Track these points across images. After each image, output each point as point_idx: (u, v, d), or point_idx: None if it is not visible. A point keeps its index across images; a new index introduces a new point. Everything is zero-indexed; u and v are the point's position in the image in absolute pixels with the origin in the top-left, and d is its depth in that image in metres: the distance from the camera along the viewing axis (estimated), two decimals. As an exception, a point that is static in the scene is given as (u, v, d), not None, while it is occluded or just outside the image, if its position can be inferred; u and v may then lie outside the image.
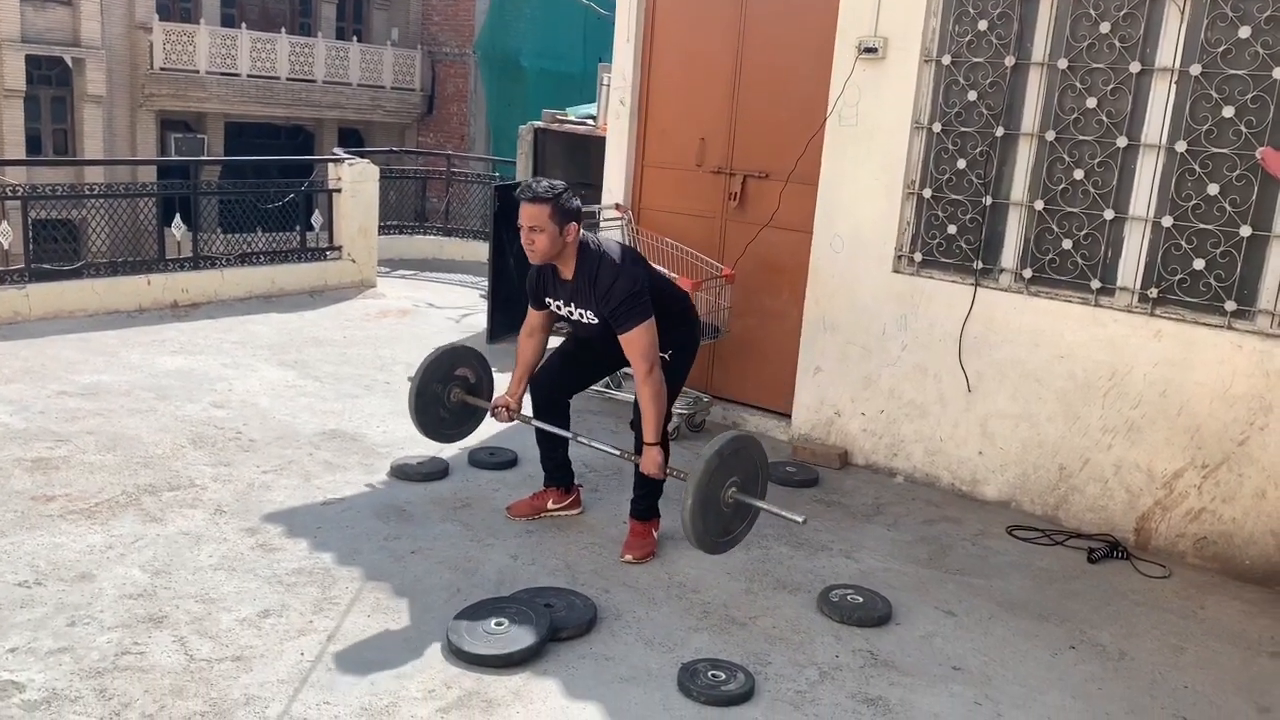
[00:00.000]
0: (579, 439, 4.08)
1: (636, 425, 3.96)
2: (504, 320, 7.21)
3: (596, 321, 3.88)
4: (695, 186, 5.95)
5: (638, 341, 3.75)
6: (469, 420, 4.44)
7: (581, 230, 3.83)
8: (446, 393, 4.29)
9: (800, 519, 3.49)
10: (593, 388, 5.43)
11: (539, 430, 4.25)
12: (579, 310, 3.91)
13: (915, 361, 5.09)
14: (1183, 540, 4.45)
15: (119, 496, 4.23)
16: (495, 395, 4.32)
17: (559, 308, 3.99)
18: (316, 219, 8.96)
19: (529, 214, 3.72)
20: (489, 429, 5.44)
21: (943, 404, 5.04)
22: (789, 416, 5.62)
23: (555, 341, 4.37)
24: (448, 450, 5.03)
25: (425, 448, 5.03)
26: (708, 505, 3.48)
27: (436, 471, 4.73)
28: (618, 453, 4.00)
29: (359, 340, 7.20)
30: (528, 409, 4.24)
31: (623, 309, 3.74)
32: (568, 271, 3.86)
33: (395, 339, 7.30)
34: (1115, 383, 4.55)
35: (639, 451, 3.91)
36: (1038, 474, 4.79)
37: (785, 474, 5.06)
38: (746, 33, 5.65)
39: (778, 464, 5.20)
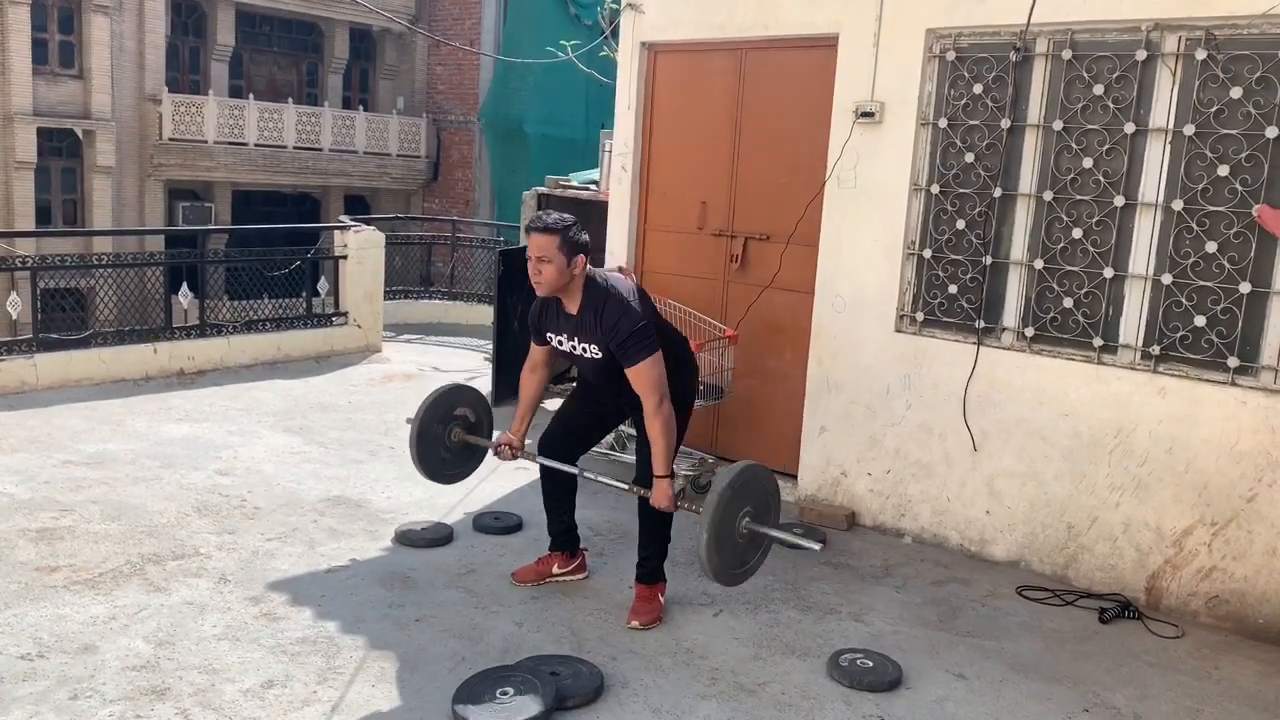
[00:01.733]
0: (585, 474, 4.04)
1: (643, 458, 3.94)
2: (509, 383, 7.18)
3: (600, 356, 3.86)
4: (697, 249, 6.00)
5: (646, 374, 3.73)
6: (470, 460, 4.42)
7: (588, 266, 3.86)
8: (447, 433, 4.29)
9: (817, 546, 3.53)
10: (596, 449, 5.42)
11: (546, 490, 4.23)
12: (582, 345, 3.90)
13: (920, 421, 5.09)
14: (1194, 599, 4.41)
15: (123, 566, 4.22)
16: (496, 434, 4.29)
17: (560, 343, 3.97)
18: (322, 285, 9.02)
19: (538, 244, 3.74)
20: (492, 492, 5.43)
21: (949, 463, 5.02)
22: (795, 477, 5.60)
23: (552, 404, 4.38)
24: (452, 515, 5.03)
25: (429, 513, 5.03)
26: (723, 538, 3.48)
27: (441, 537, 4.71)
28: (626, 487, 3.95)
29: (364, 405, 7.22)
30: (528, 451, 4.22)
31: (630, 343, 3.72)
32: (572, 305, 3.86)
33: (400, 403, 7.31)
34: (1121, 440, 4.54)
35: (647, 486, 3.88)
36: (1046, 533, 4.76)
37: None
38: (745, 98, 5.73)
39: (784, 525, 5.12)
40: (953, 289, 4.99)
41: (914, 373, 5.08)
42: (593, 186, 8.58)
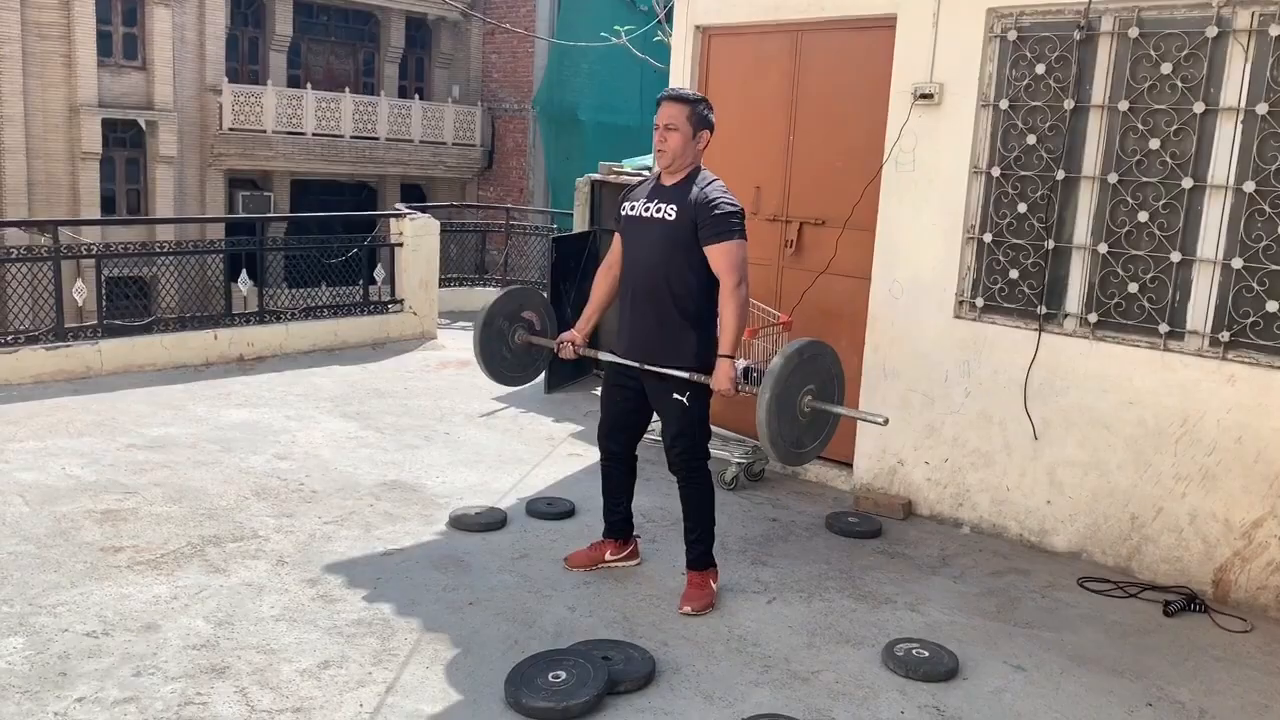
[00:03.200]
0: (646, 367, 3.86)
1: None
2: (562, 369, 7.25)
3: (671, 219, 3.78)
4: (751, 234, 5.87)
5: (732, 254, 3.73)
6: (531, 365, 4.46)
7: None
8: (512, 333, 4.33)
9: (882, 419, 3.46)
10: (651, 438, 5.43)
11: (608, 477, 4.20)
12: (659, 205, 3.84)
13: (979, 409, 5.03)
14: (1264, 593, 4.30)
15: (184, 548, 4.31)
16: (562, 333, 4.26)
17: (633, 208, 3.92)
18: (379, 273, 9.12)
19: (667, 111, 3.79)
20: (546, 477, 5.47)
21: (1009, 452, 4.96)
22: (850, 466, 5.57)
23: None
24: (505, 500, 5.07)
25: (483, 498, 5.07)
26: (783, 406, 3.43)
27: (495, 522, 4.75)
28: (687, 375, 3.83)
29: (419, 391, 7.29)
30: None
31: (723, 219, 3.73)
32: (676, 178, 3.86)
33: (455, 390, 7.38)
34: (1187, 429, 4.44)
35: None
36: (1109, 524, 4.68)
37: (847, 525, 5.01)
38: (801, 81, 5.69)
39: (840, 514, 5.17)
40: (1014, 274, 4.92)
41: (973, 359, 5.02)
42: (646, 172, 8.56)
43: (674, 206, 3.82)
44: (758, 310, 5.57)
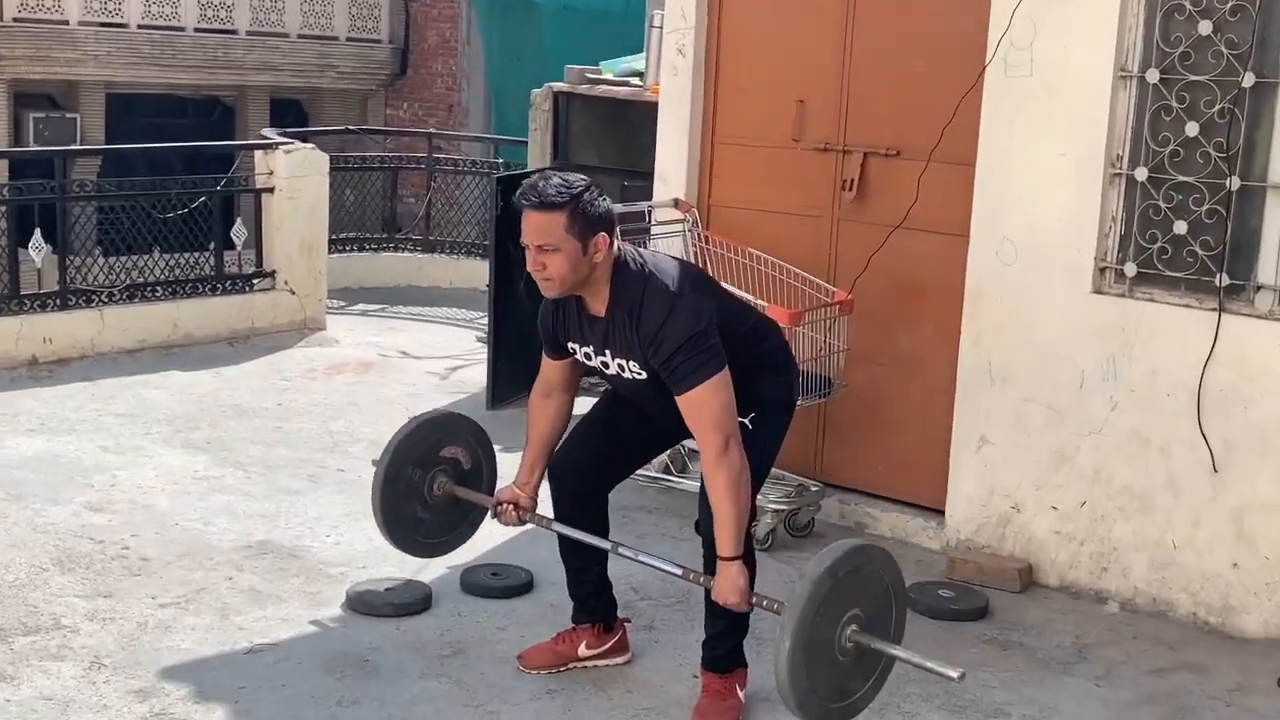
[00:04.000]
0: (621, 551, 4.05)
1: (706, 530, 3.94)
2: (512, 374, 7.22)
3: (644, 376, 3.88)
4: (791, 171, 5.96)
5: (705, 406, 3.74)
6: (460, 524, 4.47)
7: (618, 243, 3.85)
8: (428, 483, 4.31)
9: (956, 674, 3.45)
10: (642, 472, 5.41)
11: (563, 540, 4.24)
12: (617, 360, 3.92)
13: (1130, 427, 5.03)
14: None
15: (-49, 645, 4.27)
16: (500, 488, 4.31)
17: (588, 357, 4.00)
18: (239, 232, 9.03)
19: (536, 226, 3.75)
20: (490, 536, 5.43)
21: (1175, 491, 4.96)
22: (941, 514, 5.57)
23: (583, 404, 4.37)
24: (430, 568, 5.02)
25: (397, 566, 5.03)
26: (815, 652, 3.44)
27: (414, 601, 4.73)
28: (679, 572, 3.97)
29: (300, 409, 7.24)
30: (546, 506, 4.23)
31: (680, 358, 3.73)
32: (599, 304, 3.87)
33: (353, 405, 7.34)
34: None
35: (711, 571, 3.87)
36: (1325, 596, 4.69)
37: (939, 600, 5.01)
38: (864, -56, 5.71)
39: (927, 585, 5.15)
40: (1180, 227, 4.92)
41: (1121, 354, 5.03)
42: (635, 80, 8.55)
43: (634, 362, 3.88)
44: (802, 285, 5.57)
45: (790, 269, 5.64)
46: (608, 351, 3.92)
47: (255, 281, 8.93)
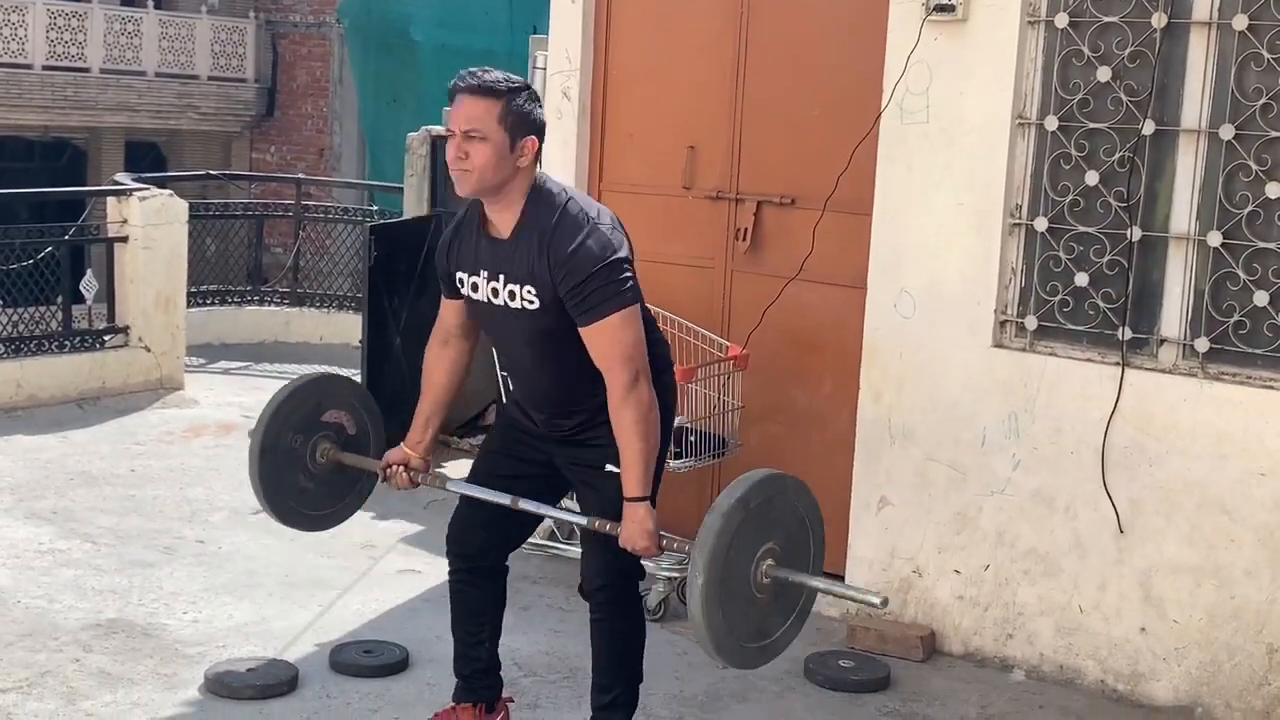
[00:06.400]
0: (522, 504, 3.95)
1: (591, 593, 4.00)
2: (387, 432, 7.08)
3: (534, 307, 3.82)
4: (682, 220, 5.97)
5: (616, 337, 3.73)
6: (349, 493, 4.42)
7: (540, 169, 3.85)
8: (311, 449, 4.25)
9: (879, 599, 3.52)
10: (530, 540, 5.32)
11: (455, 608, 4.18)
12: (509, 287, 3.83)
13: (1034, 487, 5.04)
14: None
15: None
16: (389, 451, 4.24)
17: (475, 288, 3.91)
18: (89, 284, 8.97)
19: (467, 112, 3.73)
20: (361, 612, 5.32)
21: (1081, 553, 4.97)
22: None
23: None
24: (296, 647, 4.96)
25: (260, 645, 4.99)
26: (730, 589, 3.45)
27: (279, 683, 4.66)
28: (584, 521, 3.90)
29: (156, 475, 7.14)
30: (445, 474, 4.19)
31: (595, 284, 3.70)
32: (505, 223, 3.82)
33: (213, 471, 7.25)
34: (1353, 514, 4.48)
35: (617, 516, 3.81)
36: (1235, 661, 4.70)
37: (839, 671, 5.00)
38: (755, -15, 5.72)
39: (827, 655, 5.16)
40: (1082, 279, 4.95)
41: (1024, 411, 5.04)
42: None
43: (530, 288, 3.80)
44: (694, 339, 5.56)
45: (682, 322, 5.64)
46: (501, 277, 3.84)
47: (107, 338, 8.82)
